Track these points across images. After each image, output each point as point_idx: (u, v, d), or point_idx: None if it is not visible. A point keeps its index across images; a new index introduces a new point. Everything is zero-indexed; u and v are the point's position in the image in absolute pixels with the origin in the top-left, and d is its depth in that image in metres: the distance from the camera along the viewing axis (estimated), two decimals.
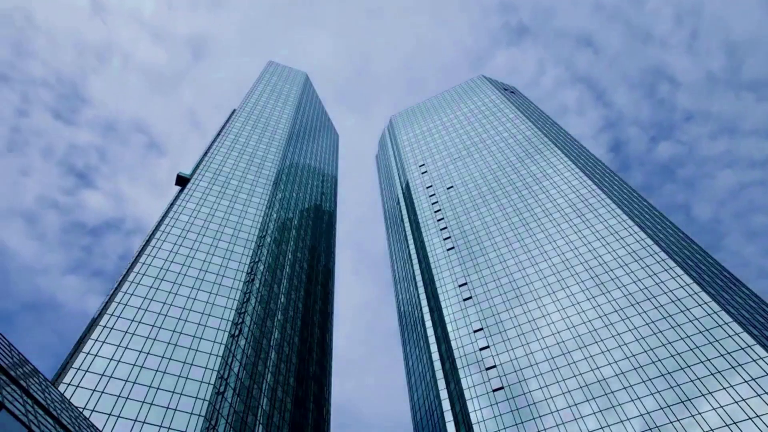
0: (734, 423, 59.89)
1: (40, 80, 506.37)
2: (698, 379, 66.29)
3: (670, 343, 72.20)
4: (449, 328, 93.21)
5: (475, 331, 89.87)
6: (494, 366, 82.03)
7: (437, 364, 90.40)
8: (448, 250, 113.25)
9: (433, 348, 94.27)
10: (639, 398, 67.65)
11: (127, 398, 61.29)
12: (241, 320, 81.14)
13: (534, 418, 71.89)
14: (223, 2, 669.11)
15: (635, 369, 71.38)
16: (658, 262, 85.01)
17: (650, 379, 69.10)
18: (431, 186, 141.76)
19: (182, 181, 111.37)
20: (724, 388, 63.80)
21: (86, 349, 65.53)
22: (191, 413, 62.56)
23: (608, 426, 66.41)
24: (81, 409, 56.87)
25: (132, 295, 76.22)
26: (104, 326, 69.51)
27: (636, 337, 75.39)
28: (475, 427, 73.97)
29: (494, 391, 78.22)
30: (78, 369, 62.36)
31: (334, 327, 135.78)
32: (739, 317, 72.53)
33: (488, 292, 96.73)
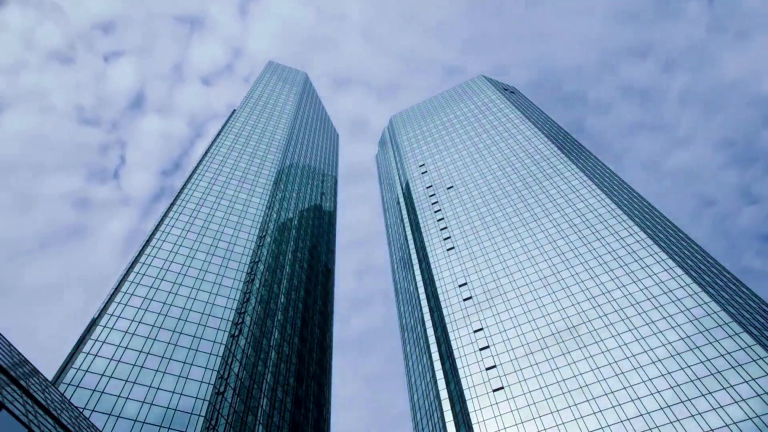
0: (734, 423, 59.90)
1: None
2: (698, 379, 66.29)
3: (670, 343, 72.21)
4: (449, 328, 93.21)
5: (475, 331, 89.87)
6: (494, 366, 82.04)
7: (437, 364, 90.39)
8: (448, 250, 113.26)
9: (433, 348, 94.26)
10: (639, 398, 67.65)
11: (127, 398, 61.32)
12: (241, 320, 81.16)
13: (534, 418, 71.89)
14: None
15: (635, 369, 71.38)
16: (657, 262, 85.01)
17: (650, 379, 69.09)
18: (431, 186, 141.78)
19: None
20: (724, 388, 63.81)
21: (86, 349, 65.57)
22: (191, 413, 62.59)
23: (608, 426, 66.41)
24: (81, 409, 56.88)
25: (132, 295, 76.26)
26: (104, 326, 69.56)
27: (636, 337, 75.38)
28: (475, 427, 73.97)
29: (494, 391, 78.22)
30: (78, 369, 62.40)
31: (333, 327, 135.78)
32: (739, 317, 72.53)
33: (488, 291, 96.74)
